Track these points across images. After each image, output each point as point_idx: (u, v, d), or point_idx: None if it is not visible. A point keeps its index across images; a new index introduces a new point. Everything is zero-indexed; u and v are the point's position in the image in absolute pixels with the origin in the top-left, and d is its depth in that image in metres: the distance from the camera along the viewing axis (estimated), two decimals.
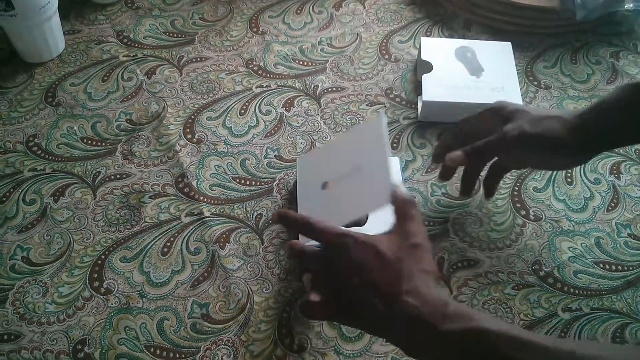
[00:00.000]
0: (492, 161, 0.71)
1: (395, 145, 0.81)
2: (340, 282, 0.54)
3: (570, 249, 0.72)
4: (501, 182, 0.75)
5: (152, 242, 0.72)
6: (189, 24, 0.96)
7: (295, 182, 0.76)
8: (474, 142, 0.68)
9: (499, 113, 0.67)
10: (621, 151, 0.81)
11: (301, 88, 0.88)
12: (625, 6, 0.91)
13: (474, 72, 0.84)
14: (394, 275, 0.52)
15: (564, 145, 0.63)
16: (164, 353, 0.64)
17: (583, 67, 0.91)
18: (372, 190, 0.61)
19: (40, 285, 0.68)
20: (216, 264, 0.70)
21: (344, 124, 0.83)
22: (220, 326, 0.66)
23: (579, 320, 0.67)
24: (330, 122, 0.84)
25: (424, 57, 0.86)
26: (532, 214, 0.75)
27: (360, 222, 0.70)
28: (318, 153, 0.75)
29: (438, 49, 0.87)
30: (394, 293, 0.51)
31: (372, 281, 0.52)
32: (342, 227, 0.57)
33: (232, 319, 0.67)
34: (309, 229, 0.58)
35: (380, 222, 0.69)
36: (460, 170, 0.71)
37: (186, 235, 0.73)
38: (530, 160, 0.68)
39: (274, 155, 0.80)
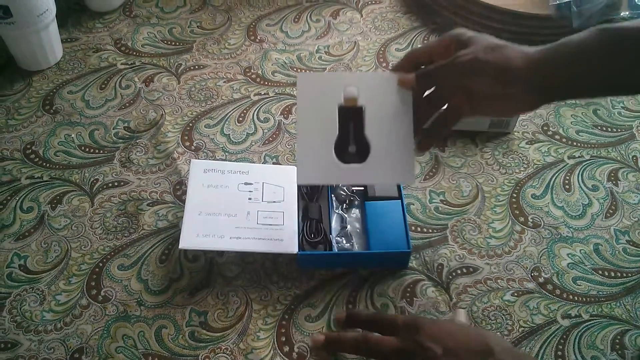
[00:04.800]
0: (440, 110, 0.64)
1: None
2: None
3: (569, 255, 0.72)
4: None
5: (150, 250, 0.72)
6: (187, 32, 0.96)
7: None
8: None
9: (457, 39, 0.60)
10: (619, 158, 0.81)
11: None
12: (622, 14, 0.92)
13: None
14: (480, 338, 0.56)
15: (518, 79, 0.56)
16: None
17: None
18: (399, 165, 0.61)
19: (38, 294, 0.68)
20: (214, 272, 0.70)
21: None
22: (218, 334, 0.66)
23: (579, 327, 0.67)
24: None
25: None
26: (531, 220, 0.75)
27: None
28: (327, 78, 0.67)
29: None
30: (486, 353, 0.54)
31: (458, 346, 0.55)
32: None
33: (230, 327, 0.66)
34: (373, 323, 0.63)
35: None
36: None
37: None
38: (478, 95, 0.59)
39: (272, 163, 0.80)
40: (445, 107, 0.63)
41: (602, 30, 0.54)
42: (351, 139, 0.63)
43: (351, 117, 0.63)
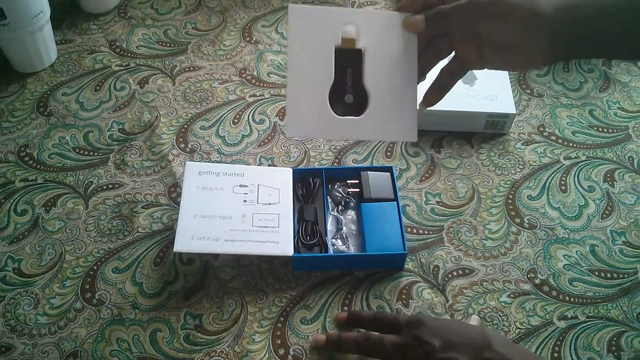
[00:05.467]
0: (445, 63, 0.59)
1: (389, 154, 0.81)
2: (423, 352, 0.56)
3: (566, 256, 0.72)
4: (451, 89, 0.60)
5: (145, 253, 0.71)
6: (182, 34, 0.96)
7: None
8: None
9: None
10: (615, 158, 0.81)
11: None
12: None
13: (467, 81, 0.84)
14: (479, 331, 0.56)
15: (546, 27, 0.51)
16: None
17: (575, 75, 0.92)
18: (400, 119, 0.56)
19: (32, 297, 0.68)
20: (209, 274, 0.70)
21: None
22: (213, 337, 0.65)
23: (575, 328, 0.67)
24: None
25: None
26: (527, 222, 0.75)
27: None
28: (324, 13, 0.58)
29: None
30: (484, 346, 0.54)
31: (457, 339, 0.55)
32: None
33: (225, 330, 0.66)
34: (375, 322, 0.63)
35: None
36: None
37: None
38: (493, 43, 0.54)
39: (268, 165, 0.80)
40: (451, 57, 0.58)
41: None
42: (348, 86, 0.57)
43: (349, 60, 0.57)
